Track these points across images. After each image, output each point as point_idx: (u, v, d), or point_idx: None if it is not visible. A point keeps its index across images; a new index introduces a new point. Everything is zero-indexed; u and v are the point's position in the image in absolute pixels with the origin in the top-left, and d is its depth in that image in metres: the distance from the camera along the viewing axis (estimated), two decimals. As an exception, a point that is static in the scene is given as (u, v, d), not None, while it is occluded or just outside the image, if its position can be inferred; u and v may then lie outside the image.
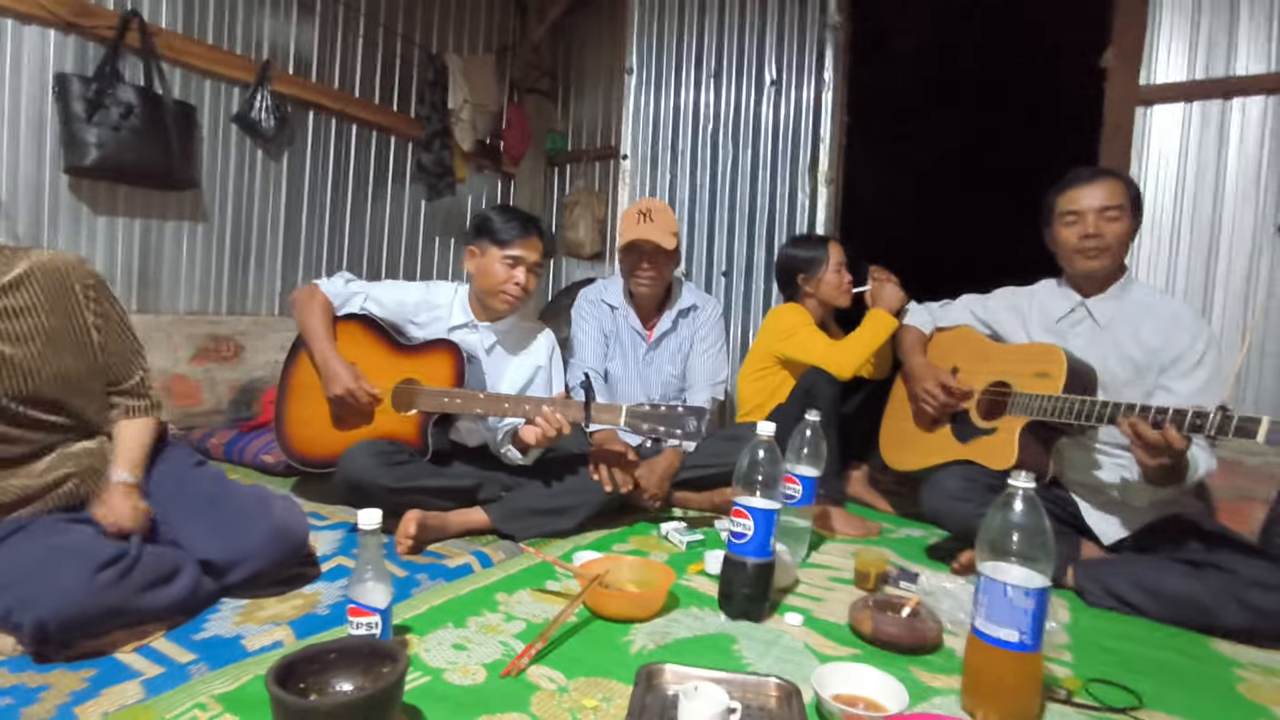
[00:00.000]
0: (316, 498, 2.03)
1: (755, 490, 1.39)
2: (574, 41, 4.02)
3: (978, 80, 4.68)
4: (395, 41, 3.35)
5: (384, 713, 0.88)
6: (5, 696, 1.00)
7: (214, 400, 2.69)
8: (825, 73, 2.93)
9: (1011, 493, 1.08)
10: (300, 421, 1.99)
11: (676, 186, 3.23)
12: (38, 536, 1.22)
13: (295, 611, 1.33)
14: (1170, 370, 1.67)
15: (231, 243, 2.80)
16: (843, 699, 1.07)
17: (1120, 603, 1.58)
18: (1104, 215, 1.72)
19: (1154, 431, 1.42)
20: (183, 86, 2.57)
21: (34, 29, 2.21)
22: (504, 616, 1.38)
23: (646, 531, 1.99)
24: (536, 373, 2.07)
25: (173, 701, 1.02)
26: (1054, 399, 1.62)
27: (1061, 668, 1.30)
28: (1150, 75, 2.38)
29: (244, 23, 2.75)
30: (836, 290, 2.38)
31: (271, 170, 2.91)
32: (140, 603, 1.19)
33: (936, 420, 1.99)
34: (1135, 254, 2.40)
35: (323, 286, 1.99)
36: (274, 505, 1.42)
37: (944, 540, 2.00)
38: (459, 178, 3.58)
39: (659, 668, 1.11)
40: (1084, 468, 1.78)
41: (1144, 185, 2.38)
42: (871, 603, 1.40)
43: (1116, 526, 1.73)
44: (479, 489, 1.90)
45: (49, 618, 1.08)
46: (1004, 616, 1.05)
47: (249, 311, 2.88)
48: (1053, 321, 1.86)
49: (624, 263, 2.28)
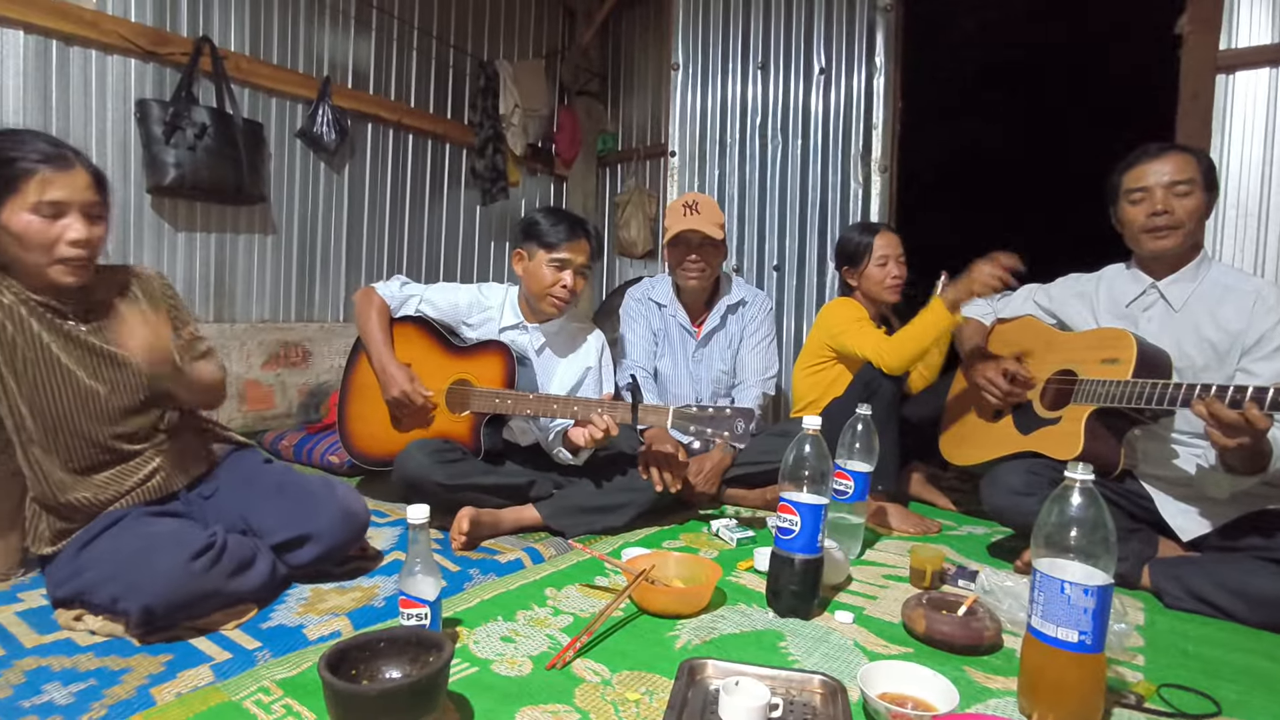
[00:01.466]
0: (378, 495, 2.10)
1: (802, 485, 1.37)
2: (622, 42, 4.05)
3: (1043, 56, 4.46)
4: (447, 51, 3.44)
5: (428, 699, 0.91)
6: (90, 678, 1.08)
7: (285, 404, 2.83)
8: (877, 58, 2.86)
9: (1069, 485, 1.03)
10: (361, 420, 2.07)
11: (726, 181, 3.21)
12: (134, 528, 1.32)
13: (354, 603, 1.38)
14: (1253, 352, 1.55)
15: (298, 252, 2.94)
16: (890, 698, 1.04)
17: (1202, 604, 1.49)
18: (1173, 190, 1.61)
19: (1232, 412, 1.32)
20: (251, 105, 2.71)
21: (117, 58, 2.37)
22: (552, 611, 1.40)
23: (697, 529, 1.99)
24: (586, 374, 2.09)
25: (239, 685, 1.08)
26: (1122, 384, 1.53)
27: (1133, 671, 1.23)
28: (1231, 39, 2.22)
29: (305, 42, 2.88)
30: (880, 285, 2.28)
31: (334, 181, 3.04)
32: (229, 586, 1.28)
33: (999, 412, 1.91)
34: (1218, 233, 2.25)
35: (379, 290, 2.07)
36: (338, 488, 1.52)
37: (1007, 538, 1.93)
38: (512, 181, 3.65)
39: (701, 662, 1.11)
40: (1159, 459, 1.68)
41: (1227, 159, 2.22)
42: (926, 600, 1.35)
43: (1196, 521, 1.62)
44: (531, 487, 1.94)
45: (154, 603, 1.17)
46: (1062, 615, 1.00)
47: (315, 318, 3.01)
48: (1122, 306, 1.75)
49: (671, 257, 2.27)
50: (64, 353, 1.32)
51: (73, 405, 1.34)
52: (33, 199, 1.21)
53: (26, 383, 1.30)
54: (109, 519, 1.35)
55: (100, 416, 1.37)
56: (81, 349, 1.35)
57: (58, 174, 1.24)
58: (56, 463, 1.34)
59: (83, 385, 1.34)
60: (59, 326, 1.33)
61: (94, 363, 1.36)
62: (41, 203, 1.22)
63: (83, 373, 1.34)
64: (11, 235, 1.23)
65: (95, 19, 2.29)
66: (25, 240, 1.23)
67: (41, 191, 1.21)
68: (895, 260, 2.29)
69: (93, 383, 1.35)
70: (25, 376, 1.29)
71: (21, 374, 1.29)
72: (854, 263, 2.32)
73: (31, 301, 1.30)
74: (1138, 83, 3.18)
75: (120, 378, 1.39)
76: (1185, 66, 2.28)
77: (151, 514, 1.40)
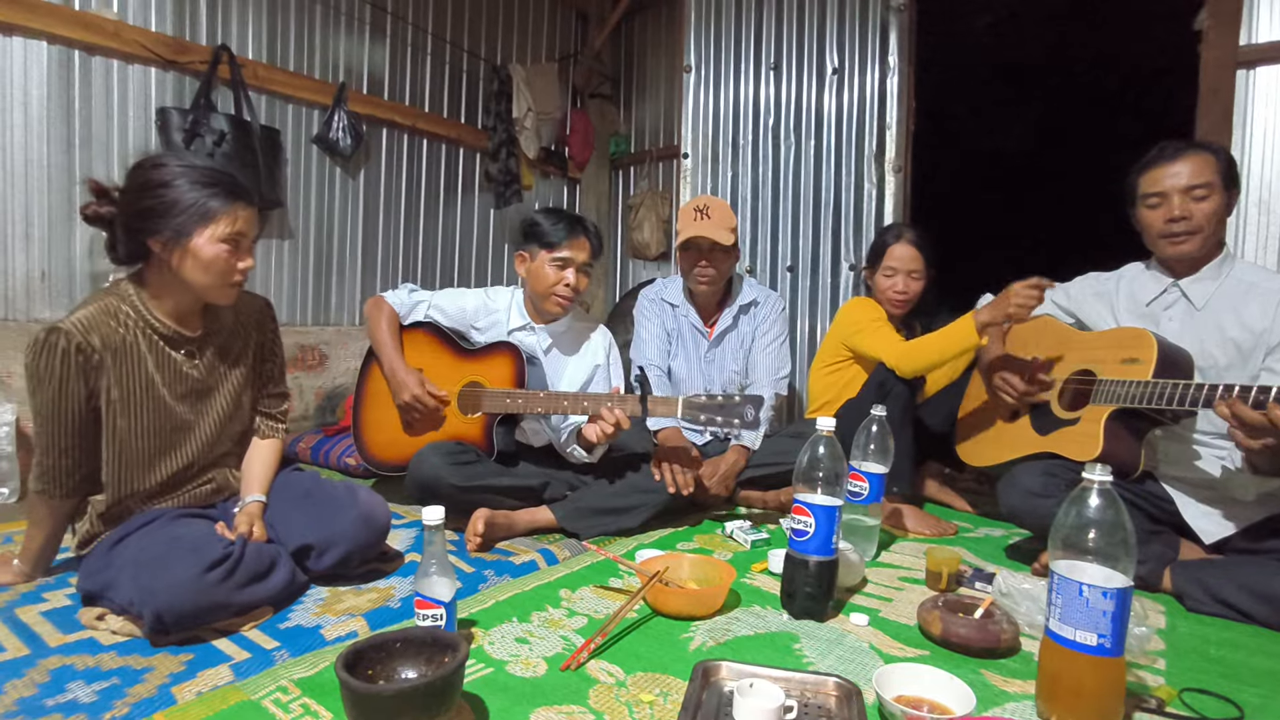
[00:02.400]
0: (395, 499, 2.11)
1: (816, 487, 1.36)
2: (634, 44, 4.06)
3: (1061, 54, 4.42)
4: (461, 56, 3.47)
5: (443, 699, 0.91)
6: (114, 676, 1.10)
7: (302, 407, 2.86)
8: (890, 57, 2.85)
9: (1087, 486, 1.01)
10: (375, 426, 2.09)
11: (738, 182, 3.21)
12: (161, 531, 1.34)
13: (370, 604, 1.39)
14: (1278, 351, 1.53)
15: (315, 257, 2.97)
16: (905, 700, 1.03)
17: (1226, 607, 1.46)
18: (1191, 195, 1.59)
19: (1255, 413, 1.30)
20: (268, 112, 2.75)
21: (138, 68, 2.41)
22: (566, 612, 1.40)
23: (711, 530, 1.98)
24: (595, 371, 2.10)
25: (258, 685, 1.09)
26: (1142, 384, 1.51)
27: (1154, 675, 1.22)
28: (1252, 34, 2.19)
29: (321, 49, 2.92)
30: (883, 294, 2.26)
31: (349, 186, 3.07)
32: (241, 597, 1.29)
33: (1015, 412, 1.89)
34: (1240, 230, 2.21)
35: (388, 298, 2.08)
36: (360, 494, 1.54)
37: (1024, 540, 1.91)
38: (526, 185, 3.67)
39: (715, 664, 1.11)
40: (1180, 460, 1.65)
41: (1248, 155, 2.19)
42: (942, 603, 1.34)
43: (1219, 523, 1.59)
44: (545, 488, 1.94)
45: (163, 611, 1.18)
46: (1080, 618, 0.99)
47: (332, 322, 3.04)
48: (1143, 306, 1.73)
49: (682, 261, 2.27)
50: (168, 389, 1.42)
51: (165, 437, 1.43)
52: (225, 230, 1.35)
53: (128, 408, 1.37)
54: (146, 518, 1.39)
55: (187, 449, 1.46)
56: (184, 383, 1.44)
57: (246, 210, 1.39)
58: (133, 481, 1.40)
59: (179, 420, 1.44)
60: (170, 358, 1.42)
61: (193, 399, 1.46)
62: (232, 234, 1.36)
63: (181, 409, 1.44)
64: (199, 260, 1.35)
65: (117, 29, 2.33)
66: (212, 266, 1.36)
67: (232, 225, 1.36)
68: (905, 275, 2.24)
69: (189, 417, 1.46)
70: (128, 403, 1.37)
71: (127, 397, 1.37)
72: (871, 263, 2.31)
73: (150, 331, 1.39)
74: (1157, 80, 3.14)
75: (211, 411, 1.49)
76: (1205, 62, 2.25)
77: (185, 515, 1.43)
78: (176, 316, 1.42)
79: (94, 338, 1.31)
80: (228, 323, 1.52)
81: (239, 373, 1.53)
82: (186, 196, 1.32)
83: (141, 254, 1.38)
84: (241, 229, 1.37)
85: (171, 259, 1.34)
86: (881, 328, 2.19)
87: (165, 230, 1.32)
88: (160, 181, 1.32)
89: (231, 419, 1.53)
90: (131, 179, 1.35)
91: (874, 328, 2.18)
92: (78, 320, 1.30)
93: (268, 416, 1.63)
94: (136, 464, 1.40)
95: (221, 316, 1.51)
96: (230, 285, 1.41)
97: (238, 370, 1.53)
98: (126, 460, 1.38)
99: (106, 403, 1.34)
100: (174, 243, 1.33)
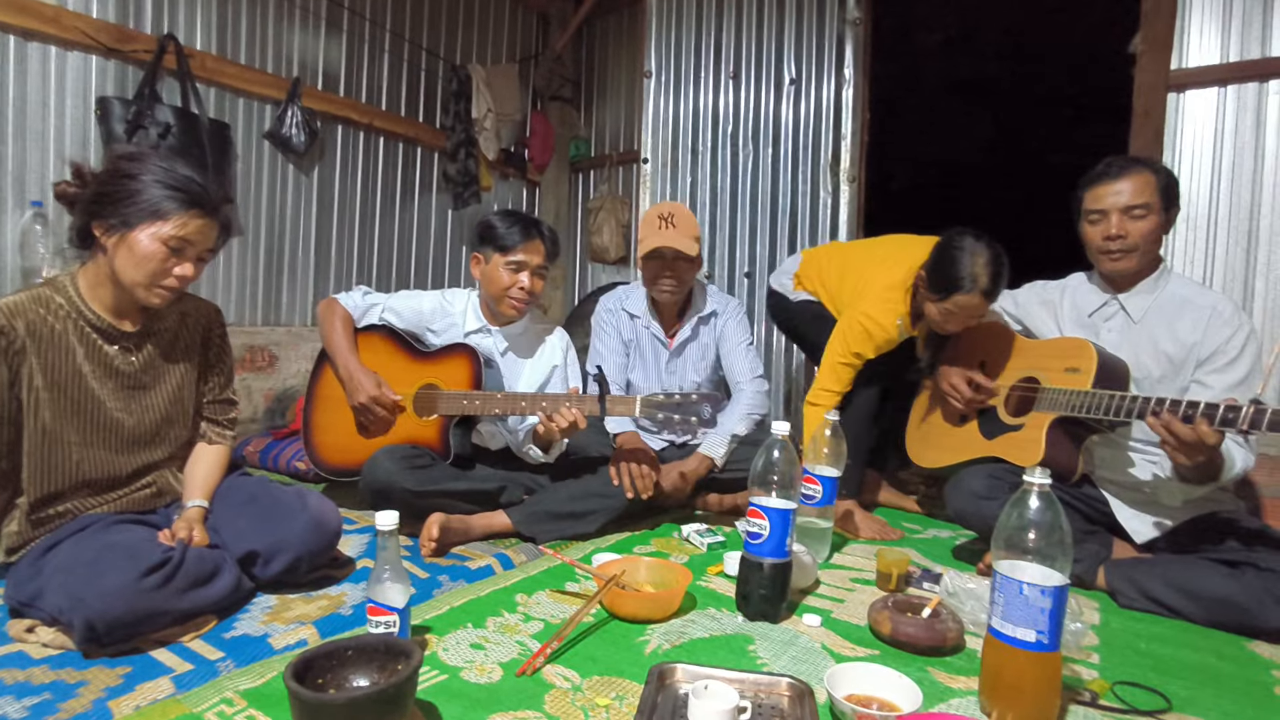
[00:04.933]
0: (346, 503, 2.07)
1: (771, 490, 1.39)
2: (595, 48, 4.06)
3: (1006, 71, 4.59)
4: (420, 54, 3.42)
5: (397, 707, 0.90)
6: (45, 691, 1.05)
7: (250, 409, 2.78)
8: (846, 69, 2.92)
9: (1027, 489, 1.06)
10: (326, 429, 2.04)
11: (697, 188, 3.24)
12: (97, 534, 1.29)
13: (320, 611, 1.36)
14: (1206, 365, 1.61)
15: (265, 255, 2.89)
16: (856, 699, 1.06)
17: (1154, 604, 1.54)
18: (1129, 214, 1.65)
19: (1185, 427, 1.38)
20: (217, 106, 2.66)
21: (77, 55, 2.32)
22: (522, 617, 1.39)
23: (668, 534, 1.99)
24: (553, 372, 2.09)
25: (201, 697, 1.06)
26: (1083, 394, 1.58)
27: (1088, 669, 1.27)
28: (1182, 59, 2.31)
29: (275, 42, 2.84)
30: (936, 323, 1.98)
31: (303, 184, 3.00)
32: (182, 604, 1.24)
33: (964, 417, 1.95)
34: (1170, 246, 2.33)
35: (341, 300, 2.04)
36: (309, 499, 1.50)
37: (971, 541, 1.97)
38: (484, 186, 3.64)
39: (671, 667, 1.12)
40: (1115, 465, 1.73)
41: (1178, 174, 2.30)
42: (891, 603, 1.38)
43: (1150, 525, 1.67)
44: (501, 492, 1.93)
45: (95, 619, 1.12)
46: (1020, 616, 1.03)
47: (283, 322, 2.96)
48: (1085, 316, 1.81)
49: (645, 270, 2.22)
50: (98, 383, 1.36)
51: (92, 433, 1.36)
52: (169, 232, 1.31)
53: (53, 400, 1.31)
54: (80, 523, 1.33)
55: (118, 446, 1.40)
56: (116, 378, 1.39)
57: (202, 220, 1.35)
58: (58, 478, 1.34)
59: (108, 417, 1.38)
60: (101, 351, 1.36)
61: (125, 394, 1.40)
62: (176, 238, 1.32)
63: (113, 404, 1.38)
64: (133, 253, 1.30)
65: (56, 14, 2.23)
66: (144, 264, 1.31)
67: (180, 230, 1.32)
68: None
69: (120, 415, 1.39)
70: (54, 395, 1.31)
71: (52, 388, 1.31)
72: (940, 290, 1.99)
73: (83, 322, 1.34)
74: (1099, 100, 3.29)
75: (146, 410, 1.43)
76: (1138, 84, 2.36)
77: (123, 520, 1.37)
78: (114, 310, 1.38)
79: (18, 322, 1.26)
80: (171, 323, 1.47)
81: (179, 373, 1.48)
82: (147, 191, 1.29)
83: (87, 239, 1.34)
84: (189, 236, 1.33)
85: (109, 247, 1.31)
86: (841, 362, 2.05)
87: (113, 217, 1.29)
88: (128, 172, 1.30)
89: (170, 420, 1.47)
90: (107, 164, 1.33)
91: (839, 352, 2.05)
92: (2, 305, 1.26)
93: (214, 423, 1.58)
94: (62, 460, 1.33)
95: (165, 316, 1.46)
96: (160, 288, 1.35)
97: (178, 370, 1.48)
98: (51, 455, 1.32)
99: (29, 391, 1.29)
100: (115, 230, 1.30)
